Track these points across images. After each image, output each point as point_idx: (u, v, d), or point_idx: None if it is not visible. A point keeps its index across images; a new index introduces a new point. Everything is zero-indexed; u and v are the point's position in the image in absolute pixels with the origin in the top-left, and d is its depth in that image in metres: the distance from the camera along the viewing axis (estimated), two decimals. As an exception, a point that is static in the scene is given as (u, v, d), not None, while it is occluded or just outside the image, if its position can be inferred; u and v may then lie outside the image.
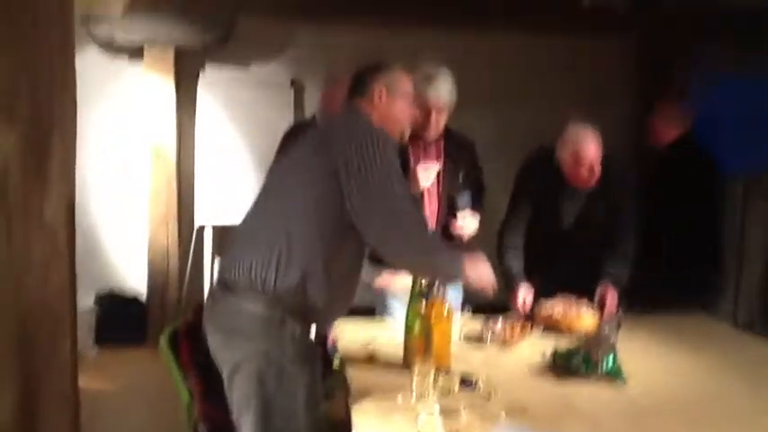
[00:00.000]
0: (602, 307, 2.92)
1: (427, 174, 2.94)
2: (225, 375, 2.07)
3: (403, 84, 2.34)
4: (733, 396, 2.22)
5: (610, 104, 5.29)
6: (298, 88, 5.09)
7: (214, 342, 2.11)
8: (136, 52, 4.90)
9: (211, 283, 2.18)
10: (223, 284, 2.12)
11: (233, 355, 2.05)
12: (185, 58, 4.97)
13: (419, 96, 2.80)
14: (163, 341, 2.23)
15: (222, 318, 2.09)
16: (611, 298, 2.97)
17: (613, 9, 2.56)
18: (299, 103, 5.11)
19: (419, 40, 4.96)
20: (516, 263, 3.10)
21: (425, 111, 2.90)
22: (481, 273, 2.20)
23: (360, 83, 2.33)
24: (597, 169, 2.96)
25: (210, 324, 2.13)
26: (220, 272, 2.18)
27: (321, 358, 2.85)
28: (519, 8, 4.80)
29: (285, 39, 5.15)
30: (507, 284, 3.06)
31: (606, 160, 3.01)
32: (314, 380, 2.10)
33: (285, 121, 4.58)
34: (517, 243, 3.14)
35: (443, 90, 2.91)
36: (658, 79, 5.28)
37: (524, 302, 2.99)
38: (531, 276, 3.08)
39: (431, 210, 3.04)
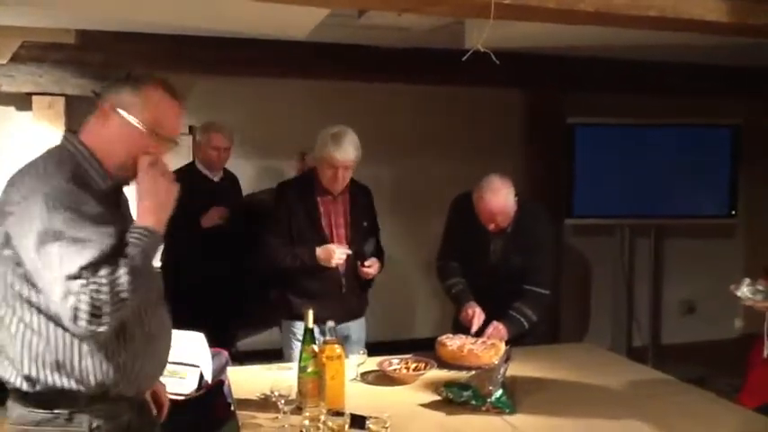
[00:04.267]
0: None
1: (342, 254, 3.12)
2: None
3: (152, 110, 1.80)
4: (620, 429, 2.28)
5: (502, 149, 5.54)
6: (196, 134, 5.05)
7: None
8: (24, 100, 4.76)
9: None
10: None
11: None
12: (77, 106, 4.86)
13: (327, 156, 3.07)
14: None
15: (12, 428, 1.76)
16: (494, 329, 3.09)
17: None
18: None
19: (318, 88, 5.09)
20: (458, 285, 3.31)
21: (333, 168, 3.10)
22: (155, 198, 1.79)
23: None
24: (500, 219, 3.14)
25: None
26: None
27: (218, 403, 2.81)
28: (414, 61, 5.00)
29: (183, 88, 5.10)
30: (456, 305, 3.30)
31: (522, 205, 3.21)
32: None
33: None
34: (453, 267, 3.35)
35: (350, 149, 3.09)
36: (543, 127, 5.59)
37: (475, 318, 3.12)
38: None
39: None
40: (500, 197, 3.10)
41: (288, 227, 3.20)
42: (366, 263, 3.22)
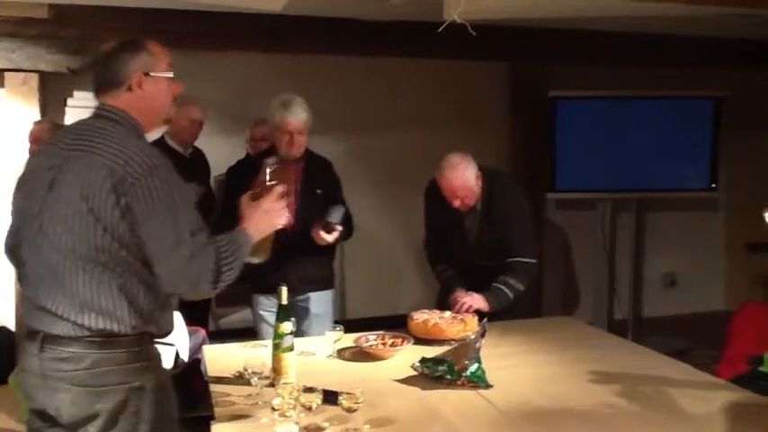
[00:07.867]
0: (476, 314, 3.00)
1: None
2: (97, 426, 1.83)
3: (163, 59, 2.04)
4: (596, 402, 2.25)
5: (487, 123, 5.51)
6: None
7: (66, 400, 1.82)
8: (-3, 76, 4.68)
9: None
10: (61, 338, 1.81)
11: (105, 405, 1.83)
12: (51, 82, 4.78)
13: (281, 121, 3.18)
14: (12, 380, 2.12)
15: (81, 374, 1.81)
16: (470, 298, 3.09)
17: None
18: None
19: (298, 64, 5.03)
20: (446, 271, 3.35)
21: (288, 134, 3.18)
22: (261, 225, 2.08)
23: (107, 71, 1.93)
24: (462, 195, 3.12)
25: (62, 383, 1.81)
26: (41, 325, 1.84)
27: (196, 381, 2.80)
28: (396, 34, 4.94)
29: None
30: (446, 290, 3.29)
31: (489, 181, 3.19)
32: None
33: (159, 143, 4.47)
34: (438, 253, 3.40)
35: (300, 112, 3.20)
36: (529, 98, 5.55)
37: (464, 304, 3.10)
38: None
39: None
40: (458, 172, 3.10)
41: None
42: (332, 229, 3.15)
